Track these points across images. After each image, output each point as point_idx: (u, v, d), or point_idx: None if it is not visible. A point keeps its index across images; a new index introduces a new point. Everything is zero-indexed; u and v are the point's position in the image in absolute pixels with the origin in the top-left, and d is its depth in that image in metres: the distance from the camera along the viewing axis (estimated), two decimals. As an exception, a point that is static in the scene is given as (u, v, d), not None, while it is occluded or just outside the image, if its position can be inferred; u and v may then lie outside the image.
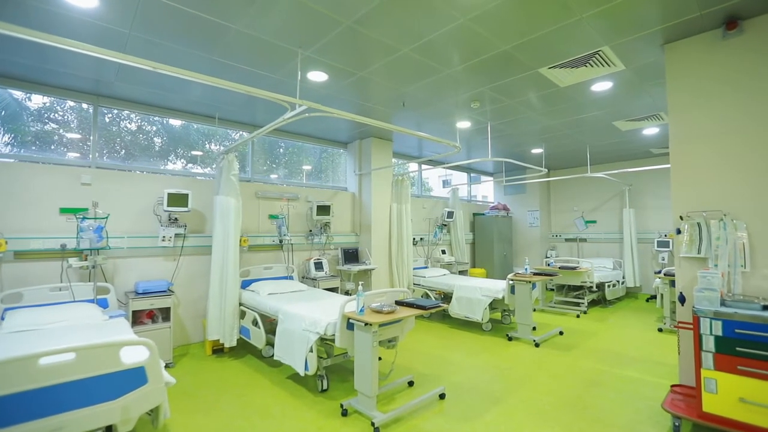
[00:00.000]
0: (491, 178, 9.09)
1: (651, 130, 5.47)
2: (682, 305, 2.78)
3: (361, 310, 2.77)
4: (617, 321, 5.55)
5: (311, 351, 3.01)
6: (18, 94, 3.73)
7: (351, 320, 2.81)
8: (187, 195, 4.03)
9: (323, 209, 5.28)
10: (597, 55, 3.20)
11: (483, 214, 8.03)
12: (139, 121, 4.43)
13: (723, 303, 2.38)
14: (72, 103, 3.98)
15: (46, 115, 3.88)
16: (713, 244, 2.65)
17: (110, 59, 2.07)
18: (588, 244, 8.17)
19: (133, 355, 1.99)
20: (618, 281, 6.82)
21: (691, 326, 2.50)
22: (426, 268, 6.57)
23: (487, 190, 9.62)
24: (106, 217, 3.71)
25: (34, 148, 3.78)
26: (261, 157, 5.45)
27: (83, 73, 3.49)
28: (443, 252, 6.97)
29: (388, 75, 3.57)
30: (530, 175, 6.80)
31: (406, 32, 2.85)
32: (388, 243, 5.96)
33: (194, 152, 4.86)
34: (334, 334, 2.91)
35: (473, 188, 9.70)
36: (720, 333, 2.28)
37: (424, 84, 3.78)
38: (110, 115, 4.21)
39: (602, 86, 3.85)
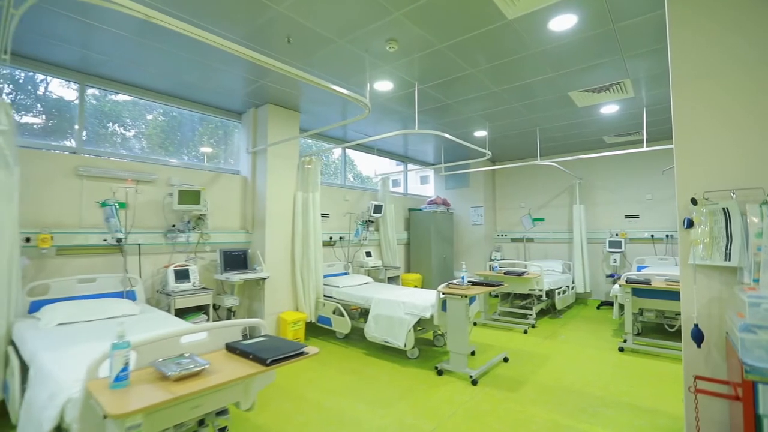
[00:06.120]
0: (431, 171, 7.98)
1: (610, 108, 4.56)
2: (698, 346, 1.67)
3: (118, 378, 1.37)
4: (570, 337, 4.57)
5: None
6: None
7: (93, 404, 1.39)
8: None
9: (189, 196, 3.76)
10: (562, -52, 2.06)
11: (419, 210, 6.87)
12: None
13: (794, 354, 1.28)
14: None
15: None
16: (752, 244, 1.56)
17: None
18: (535, 244, 7.30)
19: None
20: (568, 287, 5.94)
21: (730, 392, 1.39)
22: (346, 274, 5.25)
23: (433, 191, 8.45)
24: None
25: None
26: (156, 137, 3.84)
27: None
28: (368, 255, 5.69)
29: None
30: (474, 161, 5.71)
31: None
32: (290, 243, 4.55)
33: None
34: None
35: (422, 190, 8.53)
36: (806, 420, 1.16)
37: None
38: None
39: (562, 22, 2.75)
